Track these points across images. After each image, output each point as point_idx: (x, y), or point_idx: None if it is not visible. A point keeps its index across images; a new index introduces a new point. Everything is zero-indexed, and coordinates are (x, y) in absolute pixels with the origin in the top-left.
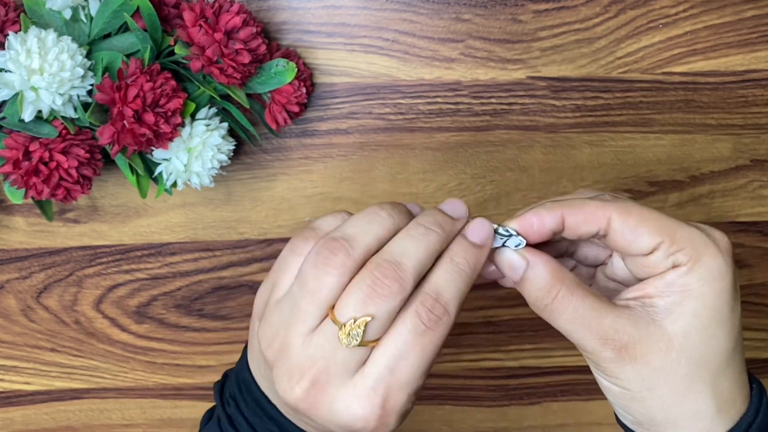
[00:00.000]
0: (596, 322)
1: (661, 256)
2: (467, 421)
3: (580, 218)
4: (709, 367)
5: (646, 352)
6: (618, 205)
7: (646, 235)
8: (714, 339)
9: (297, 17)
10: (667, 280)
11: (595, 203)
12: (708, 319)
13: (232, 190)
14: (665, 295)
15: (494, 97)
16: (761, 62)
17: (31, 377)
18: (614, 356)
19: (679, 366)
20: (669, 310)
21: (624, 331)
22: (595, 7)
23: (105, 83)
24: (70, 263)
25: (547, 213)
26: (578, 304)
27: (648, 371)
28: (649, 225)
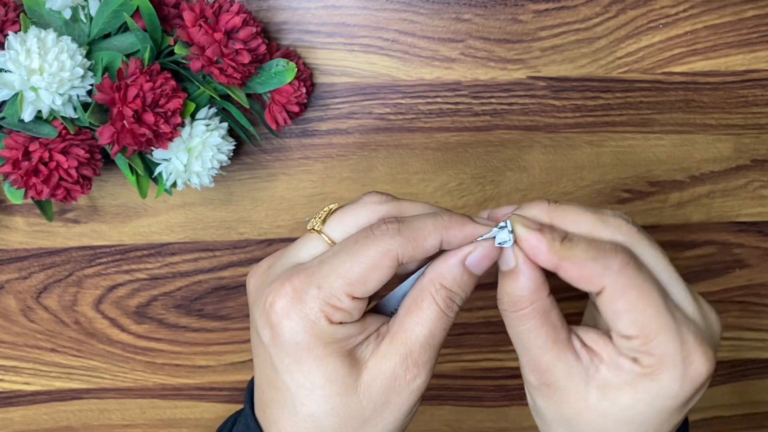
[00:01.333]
0: (536, 351)
1: (629, 347)
2: (467, 421)
3: (575, 275)
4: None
5: (562, 401)
6: (618, 282)
7: (626, 323)
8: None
9: (297, 17)
10: (621, 363)
11: (596, 269)
12: (632, 422)
13: (232, 190)
14: (611, 372)
15: (494, 97)
16: (761, 62)
17: (30, 377)
18: (535, 384)
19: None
20: (604, 386)
21: (554, 374)
22: (595, 7)
23: (105, 83)
24: (70, 263)
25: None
26: (532, 329)
27: (556, 413)
28: (633, 315)
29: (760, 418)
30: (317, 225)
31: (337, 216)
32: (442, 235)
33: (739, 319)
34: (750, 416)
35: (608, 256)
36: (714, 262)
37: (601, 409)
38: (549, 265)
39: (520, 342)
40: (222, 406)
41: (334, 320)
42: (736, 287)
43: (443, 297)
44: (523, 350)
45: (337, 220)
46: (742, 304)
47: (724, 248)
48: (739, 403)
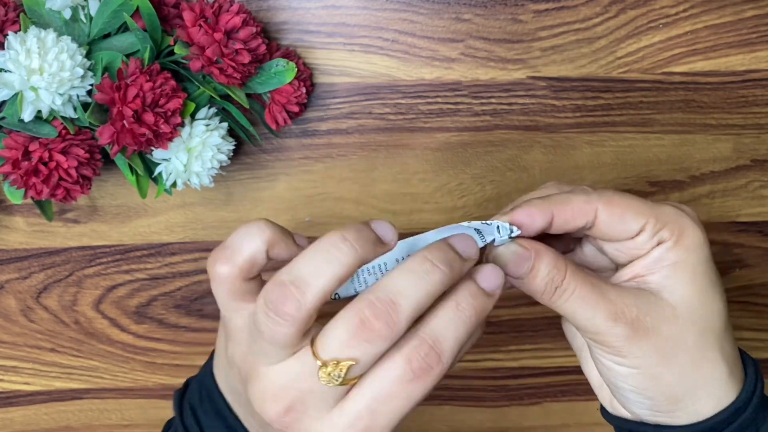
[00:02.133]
0: (603, 299)
1: (647, 237)
2: (467, 421)
3: (568, 215)
4: (714, 331)
5: (656, 322)
6: (601, 197)
7: (632, 220)
8: (713, 302)
9: (297, 17)
10: (655, 257)
11: (580, 198)
12: (702, 285)
13: (232, 190)
14: (656, 271)
15: (494, 97)
16: (761, 62)
17: (30, 377)
18: (627, 332)
19: (688, 333)
20: (662, 283)
21: (632, 304)
22: (595, 6)
23: (105, 83)
24: (70, 263)
25: (538, 212)
26: (583, 281)
27: (662, 342)
28: (632, 210)
29: None
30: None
31: None
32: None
33: (739, 319)
34: None
35: (581, 188)
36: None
37: (682, 300)
38: (545, 221)
39: (583, 308)
40: None
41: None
42: (736, 287)
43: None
44: (592, 311)
45: None
46: (742, 304)
47: (724, 248)
48: None
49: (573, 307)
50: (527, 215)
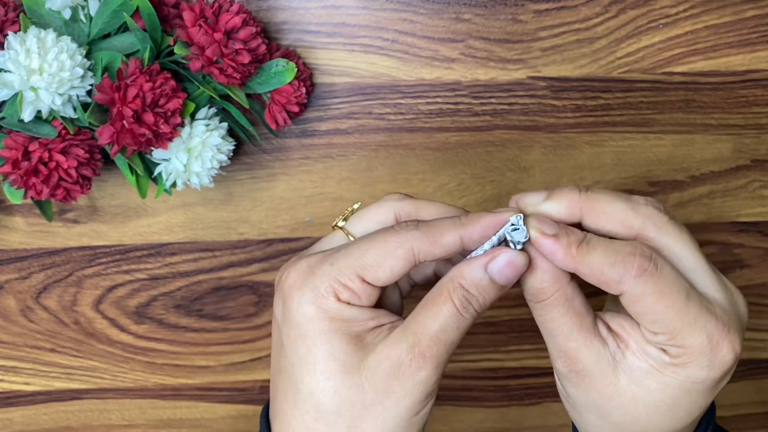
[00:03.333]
0: (563, 339)
1: (655, 340)
2: (467, 421)
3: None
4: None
5: (592, 387)
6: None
7: (649, 323)
8: (657, 419)
9: (297, 17)
10: (649, 352)
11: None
12: (660, 404)
13: (231, 190)
14: (638, 357)
15: (494, 97)
16: (762, 62)
17: (30, 378)
18: (565, 372)
19: (615, 415)
20: (632, 370)
21: (582, 361)
22: (595, 7)
23: (104, 83)
24: (70, 263)
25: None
26: (557, 317)
27: (586, 399)
28: (655, 317)
29: (761, 418)
30: (340, 222)
31: (359, 214)
32: (461, 233)
33: None
34: (751, 416)
35: (626, 261)
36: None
37: (630, 393)
38: (566, 269)
39: (546, 330)
40: (222, 407)
41: (342, 298)
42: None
43: (460, 296)
44: (550, 338)
45: (359, 218)
46: None
47: (725, 248)
48: (740, 402)
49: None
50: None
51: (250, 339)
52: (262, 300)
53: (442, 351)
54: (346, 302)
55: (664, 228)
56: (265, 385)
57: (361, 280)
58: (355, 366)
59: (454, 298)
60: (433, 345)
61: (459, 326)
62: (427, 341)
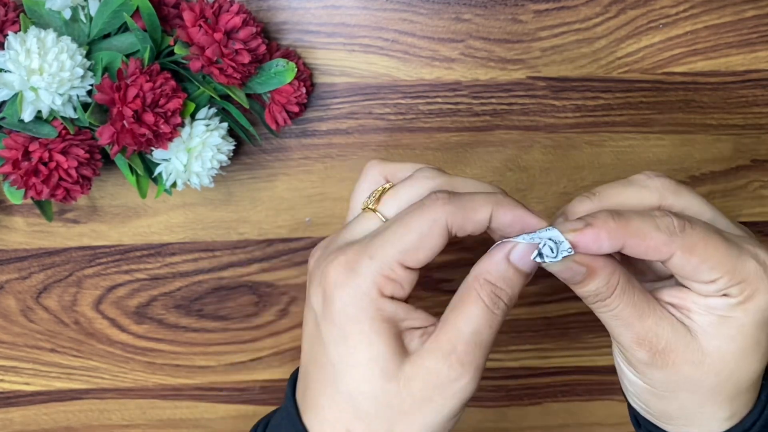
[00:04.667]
0: (639, 322)
1: (715, 288)
2: (467, 421)
3: (641, 250)
4: (736, 386)
5: (680, 360)
6: (685, 241)
7: (707, 272)
8: (747, 363)
9: (297, 17)
10: (711, 303)
11: (661, 238)
12: (744, 346)
13: (231, 190)
14: (704, 314)
15: (494, 97)
16: (762, 62)
17: (30, 378)
18: (648, 359)
19: (707, 380)
20: (705, 329)
21: (662, 336)
22: (595, 7)
23: (104, 83)
24: (70, 263)
25: (608, 238)
26: (627, 301)
27: (676, 378)
28: (711, 262)
29: None
30: (371, 204)
31: (390, 193)
32: (492, 211)
33: None
34: None
35: (665, 221)
36: None
37: (715, 350)
38: (613, 248)
39: (618, 322)
40: (222, 407)
41: (386, 292)
42: None
43: (488, 293)
44: (624, 329)
45: (391, 197)
46: None
47: None
48: None
49: (607, 320)
50: (595, 241)
51: (250, 339)
52: (262, 300)
53: (478, 355)
54: (390, 296)
55: (678, 191)
56: (265, 385)
57: (403, 268)
58: (393, 372)
59: (482, 296)
60: (469, 350)
61: (491, 324)
62: (462, 347)
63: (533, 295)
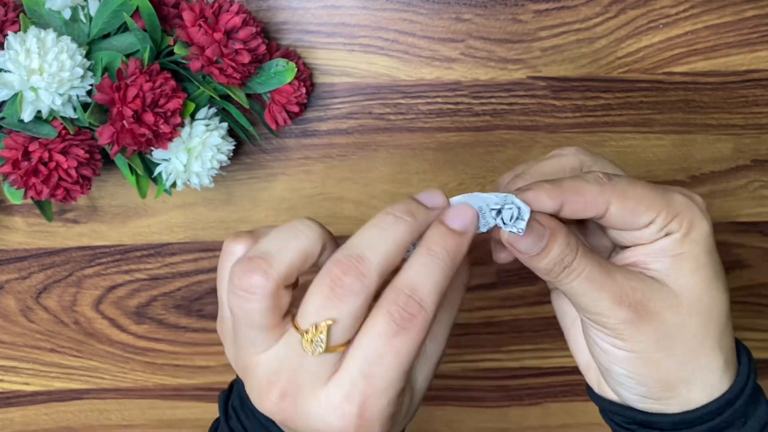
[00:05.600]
0: (610, 279)
1: (656, 228)
2: (467, 421)
3: (579, 206)
4: (716, 322)
5: (660, 308)
6: (615, 188)
7: (644, 213)
8: (716, 292)
9: (297, 17)
10: (659, 246)
11: (594, 189)
12: (706, 276)
13: (231, 191)
14: (660, 259)
15: (494, 97)
16: (762, 62)
17: (30, 378)
18: (631, 315)
19: (691, 321)
20: (666, 272)
21: (637, 288)
22: (595, 6)
23: (104, 83)
24: (70, 263)
25: (549, 198)
26: (592, 260)
27: (664, 328)
28: (645, 203)
29: None
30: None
31: None
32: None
33: (739, 319)
34: None
35: (595, 175)
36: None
37: (685, 289)
38: (554, 208)
39: (588, 287)
40: None
41: None
42: (737, 287)
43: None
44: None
45: None
46: (743, 304)
47: (725, 248)
48: None
49: (578, 288)
50: (536, 200)
51: None
52: None
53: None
54: None
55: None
56: None
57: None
58: None
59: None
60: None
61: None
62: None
63: (533, 295)
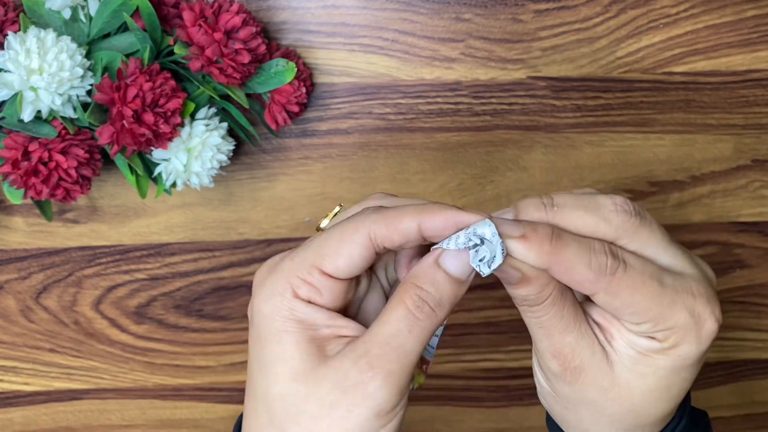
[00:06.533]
0: (559, 335)
1: (641, 330)
2: (468, 421)
3: (566, 279)
4: (636, 420)
5: (588, 382)
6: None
7: (630, 315)
8: (652, 403)
9: (297, 17)
10: (635, 340)
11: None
12: (654, 387)
13: (231, 191)
14: (626, 347)
15: (494, 97)
16: (762, 62)
17: (30, 378)
18: (558, 372)
19: (610, 407)
20: (622, 360)
21: (578, 355)
22: (595, 6)
23: (104, 83)
24: (70, 264)
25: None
26: (554, 313)
27: (581, 396)
28: (634, 308)
29: (760, 419)
30: (323, 224)
31: (340, 215)
32: (420, 219)
33: (739, 319)
34: (751, 416)
35: (599, 259)
36: (714, 262)
37: (625, 382)
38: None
39: (540, 329)
40: (222, 407)
41: (300, 294)
42: (737, 287)
43: (411, 296)
44: (544, 337)
45: (340, 218)
46: (743, 304)
47: (725, 248)
48: (739, 403)
49: (531, 324)
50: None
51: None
52: None
53: (393, 359)
54: (306, 299)
55: (637, 233)
56: None
57: (320, 272)
58: (304, 374)
59: (405, 299)
60: (382, 354)
61: (412, 329)
62: (376, 350)
63: None
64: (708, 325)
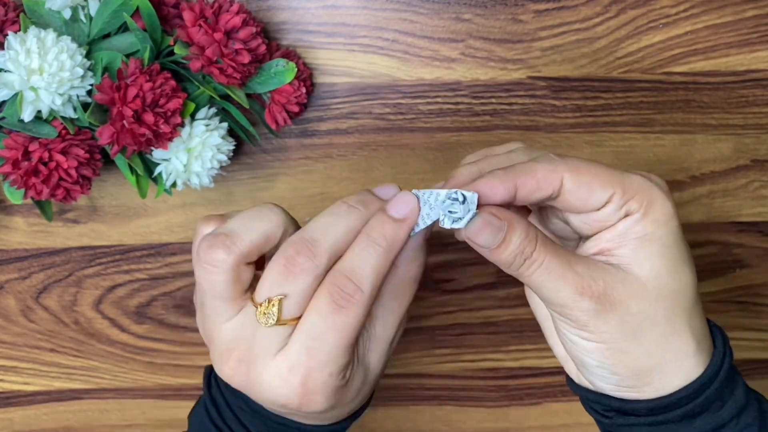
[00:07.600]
0: (571, 271)
1: (614, 208)
2: (468, 421)
3: (533, 185)
4: (683, 306)
5: (624, 297)
6: (567, 164)
7: (599, 189)
8: (683, 275)
9: (297, 17)
10: (621, 230)
11: (545, 166)
12: (671, 258)
13: (232, 191)
14: (623, 244)
15: (494, 97)
16: (762, 62)
17: (30, 378)
18: (594, 306)
19: (657, 308)
20: (630, 257)
21: (599, 278)
22: (595, 6)
23: (104, 83)
24: (70, 263)
25: (501, 183)
26: (552, 251)
27: (629, 317)
28: (600, 179)
29: None
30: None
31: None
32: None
33: (739, 319)
34: None
35: (546, 155)
36: (714, 262)
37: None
38: (508, 193)
39: (550, 278)
40: None
41: None
42: (737, 287)
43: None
44: (560, 282)
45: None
46: (743, 304)
47: (725, 248)
48: None
49: (540, 279)
50: (489, 188)
51: None
52: None
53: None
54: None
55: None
56: None
57: None
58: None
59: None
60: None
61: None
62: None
63: None
64: (657, 181)
